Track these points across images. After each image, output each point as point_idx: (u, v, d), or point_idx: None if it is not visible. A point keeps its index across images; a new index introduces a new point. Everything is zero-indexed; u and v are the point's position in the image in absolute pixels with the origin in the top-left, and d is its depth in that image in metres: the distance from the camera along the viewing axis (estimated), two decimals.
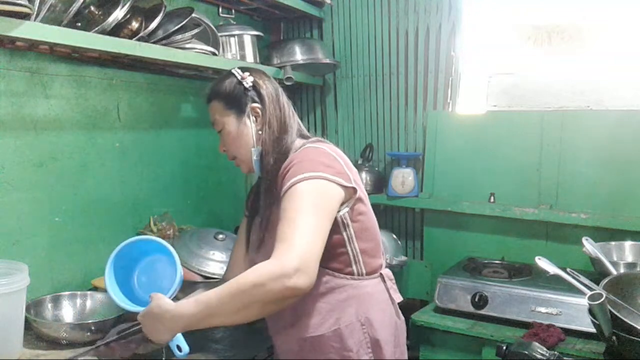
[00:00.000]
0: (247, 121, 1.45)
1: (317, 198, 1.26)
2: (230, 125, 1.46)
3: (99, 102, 1.96)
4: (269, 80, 1.50)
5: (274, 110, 1.45)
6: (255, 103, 1.45)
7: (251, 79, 1.47)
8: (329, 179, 1.29)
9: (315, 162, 1.31)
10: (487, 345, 1.93)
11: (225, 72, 1.52)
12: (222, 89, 1.48)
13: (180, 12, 1.93)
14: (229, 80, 1.48)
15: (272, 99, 1.46)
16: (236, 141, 1.47)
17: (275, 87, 1.50)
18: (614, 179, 2.22)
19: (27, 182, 1.73)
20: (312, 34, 2.81)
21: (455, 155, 2.51)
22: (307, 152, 1.35)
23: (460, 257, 2.42)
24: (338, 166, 1.34)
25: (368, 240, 1.41)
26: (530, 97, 2.46)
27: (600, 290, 1.54)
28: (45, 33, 1.47)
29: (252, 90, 1.46)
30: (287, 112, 1.48)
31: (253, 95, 1.46)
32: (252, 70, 1.50)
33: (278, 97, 1.49)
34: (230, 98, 1.46)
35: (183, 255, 1.97)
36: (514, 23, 2.49)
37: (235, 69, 1.50)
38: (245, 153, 1.47)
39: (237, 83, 1.46)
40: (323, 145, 1.41)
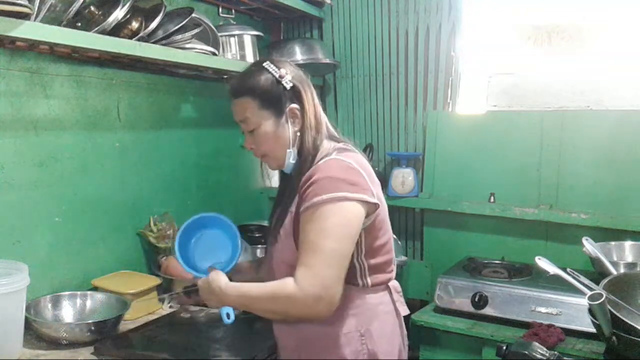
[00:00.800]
0: (284, 123, 1.37)
1: (340, 221, 1.23)
2: (266, 126, 1.37)
3: (99, 102, 1.95)
4: (301, 74, 1.41)
5: (312, 109, 1.39)
6: (294, 104, 1.37)
7: (290, 77, 1.36)
8: (351, 199, 1.24)
9: (339, 180, 1.25)
10: (487, 345, 1.93)
11: (254, 65, 1.44)
12: (258, 86, 1.36)
13: (180, 12, 1.93)
14: (264, 76, 1.36)
15: (309, 98, 1.39)
16: (271, 142, 1.38)
17: (307, 82, 1.41)
18: (614, 179, 2.22)
19: (27, 182, 1.73)
20: (312, 34, 2.81)
21: (455, 155, 2.51)
22: (331, 167, 1.28)
23: (460, 257, 2.42)
24: (362, 182, 1.29)
25: (382, 254, 1.37)
26: (530, 97, 2.46)
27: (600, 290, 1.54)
28: (45, 33, 1.47)
29: (291, 89, 1.36)
30: (320, 110, 1.42)
31: (292, 96, 1.36)
32: (283, 63, 1.39)
33: (312, 93, 1.41)
34: (267, 97, 1.36)
35: None
36: (514, 23, 2.49)
37: (268, 63, 1.38)
38: (280, 153, 1.39)
39: (275, 81, 1.36)
40: (348, 156, 1.33)
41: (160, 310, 1.88)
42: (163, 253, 2.07)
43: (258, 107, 1.36)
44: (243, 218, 2.50)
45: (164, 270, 1.99)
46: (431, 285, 2.51)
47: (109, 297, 1.76)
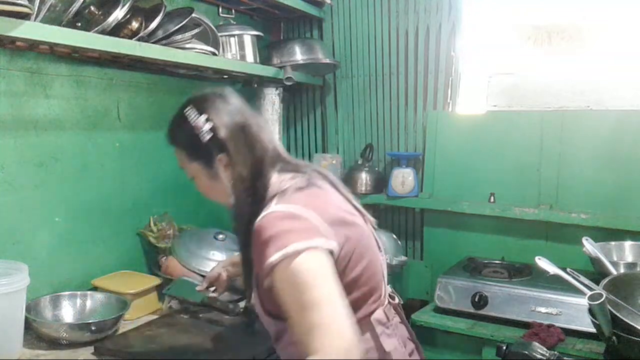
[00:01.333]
0: (218, 173, 1.24)
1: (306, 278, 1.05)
2: (199, 178, 1.28)
3: (99, 102, 1.96)
4: (229, 113, 1.25)
5: (244, 154, 1.23)
6: (221, 153, 1.22)
7: (209, 126, 1.21)
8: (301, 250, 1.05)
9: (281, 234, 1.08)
10: (487, 345, 1.93)
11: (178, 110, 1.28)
12: (180, 137, 1.28)
13: (180, 12, 1.93)
14: (184, 127, 1.24)
15: (240, 142, 1.23)
16: (211, 193, 1.30)
17: (239, 122, 1.24)
18: (614, 179, 2.22)
19: (27, 182, 1.73)
20: (312, 34, 2.81)
21: (455, 155, 2.51)
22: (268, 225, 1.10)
23: (460, 257, 2.42)
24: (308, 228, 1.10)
25: (358, 288, 1.21)
26: (530, 97, 2.46)
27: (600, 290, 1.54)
28: (45, 33, 1.47)
29: (214, 139, 1.22)
30: (259, 148, 1.24)
31: (216, 145, 1.22)
32: (209, 103, 1.25)
33: (245, 132, 1.24)
34: (191, 149, 1.26)
35: (183, 256, 1.98)
36: (514, 23, 2.49)
37: (189, 109, 1.24)
38: (225, 200, 1.27)
39: (194, 133, 1.22)
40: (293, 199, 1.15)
41: (160, 310, 1.88)
42: (163, 253, 2.07)
43: (187, 159, 1.28)
44: None
45: (164, 270, 1.99)
46: (431, 285, 2.51)
47: (109, 297, 1.76)
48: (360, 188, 2.60)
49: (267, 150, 1.26)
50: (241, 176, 1.22)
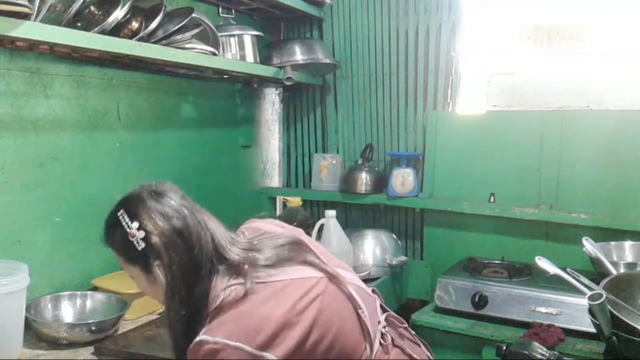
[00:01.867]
0: (156, 277, 1.17)
1: None
2: (139, 280, 1.22)
3: (99, 102, 1.95)
4: (164, 216, 1.17)
5: (180, 261, 1.14)
6: (157, 260, 1.15)
7: (142, 234, 1.14)
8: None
9: None
10: (487, 345, 1.93)
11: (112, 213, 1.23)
12: (115, 242, 1.21)
13: (180, 12, 1.93)
14: (119, 231, 1.18)
15: (174, 248, 1.14)
16: (155, 294, 1.23)
17: (175, 225, 1.16)
18: (614, 179, 2.22)
19: (27, 182, 1.73)
20: (312, 34, 2.81)
21: (455, 155, 2.51)
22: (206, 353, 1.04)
23: (460, 257, 2.42)
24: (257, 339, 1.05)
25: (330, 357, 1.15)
26: (530, 97, 2.46)
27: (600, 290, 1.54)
28: (45, 33, 1.47)
29: (147, 247, 1.15)
30: (197, 252, 1.15)
31: (151, 252, 1.15)
32: (141, 207, 1.19)
33: (183, 235, 1.16)
34: (128, 254, 1.19)
35: None
36: (514, 23, 2.49)
37: (122, 214, 1.19)
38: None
39: (128, 240, 1.16)
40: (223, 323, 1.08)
41: (160, 310, 1.88)
42: None
43: (125, 262, 1.22)
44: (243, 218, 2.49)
45: None
46: (431, 285, 2.51)
47: (109, 297, 1.76)
48: (360, 188, 2.60)
49: (207, 253, 1.16)
50: (175, 285, 1.13)
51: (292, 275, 1.17)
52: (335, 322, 1.16)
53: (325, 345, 1.13)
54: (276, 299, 1.12)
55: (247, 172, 2.74)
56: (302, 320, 1.11)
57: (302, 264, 1.21)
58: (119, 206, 1.22)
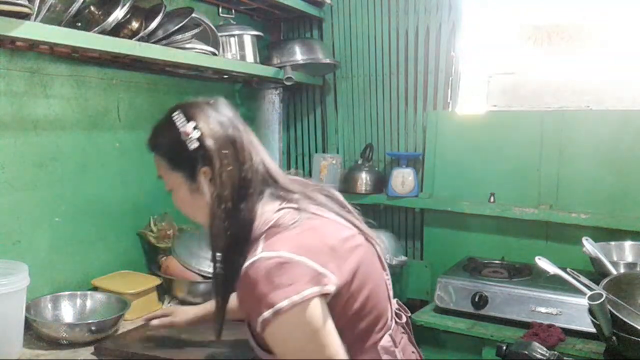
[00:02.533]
0: (199, 186, 1.14)
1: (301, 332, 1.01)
2: (180, 190, 1.18)
3: (99, 102, 1.96)
4: (220, 124, 1.15)
5: (231, 172, 1.12)
6: (205, 166, 1.13)
7: (197, 134, 1.12)
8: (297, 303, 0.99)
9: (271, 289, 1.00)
10: (487, 345, 1.93)
11: (165, 115, 1.20)
12: (163, 144, 1.19)
13: (180, 12, 1.93)
14: (170, 133, 1.16)
15: (228, 156, 1.12)
16: (190, 209, 1.20)
17: (230, 134, 1.14)
18: (614, 179, 2.22)
19: (27, 182, 1.73)
20: (312, 34, 2.81)
21: (455, 155, 2.51)
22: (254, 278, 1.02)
23: (460, 257, 2.42)
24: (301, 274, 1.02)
25: (363, 318, 1.15)
26: (530, 97, 2.46)
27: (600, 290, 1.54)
28: (45, 33, 1.47)
29: (200, 149, 1.12)
30: (247, 167, 1.14)
31: (202, 156, 1.12)
32: (199, 110, 1.16)
33: (235, 146, 1.14)
34: (174, 158, 1.17)
35: (183, 255, 1.98)
36: (514, 23, 2.49)
37: (177, 114, 1.16)
38: (203, 219, 1.16)
39: (181, 140, 1.13)
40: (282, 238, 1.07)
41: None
42: (163, 253, 2.07)
43: (168, 168, 1.19)
44: None
45: (164, 270, 1.99)
46: (431, 285, 2.51)
47: (109, 297, 1.76)
48: (360, 188, 2.60)
49: (257, 172, 1.15)
50: (222, 194, 1.11)
51: (335, 219, 1.18)
52: (370, 281, 1.16)
53: (359, 303, 1.12)
54: (328, 229, 1.13)
55: None
56: (350, 260, 1.11)
57: (341, 217, 1.21)
58: (174, 109, 1.18)
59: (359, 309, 1.13)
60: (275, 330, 1.01)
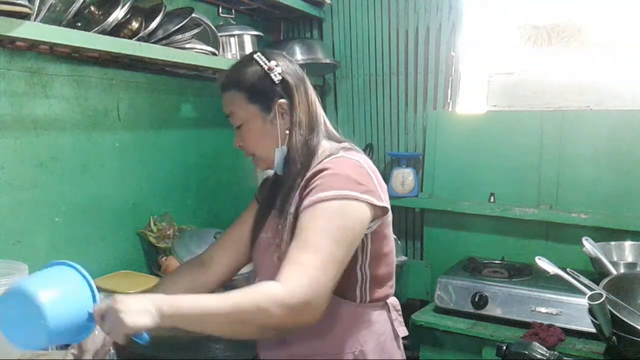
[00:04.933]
0: (273, 119, 1.28)
1: (342, 221, 1.12)
2: (253, 121, 1.29)
3: (99, 102, 1.95)
4: (295, 68, 1.32)
5: (304, 106, 1.29)
6: (283, 99, 1.27)
7: (279, 70, 1.27)
8: (359, 199, 1.14)
9: (346, 177, 1.16)
10: (487, 345, 1.93)
11: (245, 57, 1.35)
12: (244, 79, 1.28)
13: (180, 12, 1.93)
14: (252, 69, 1.28)
15: (302, 93, 1.29)
16: (258, 139, 1.30)
17: (302, 76, 1.32)
18: (614, 179, 2.22)
19: (27, 182, 1.73)
20: (312, 34, 2.81)
21: (455, 155, 2.51)
22: (340, 164, 1.19)
23: (460, 257, 2.42)
24: (371, 184, 1.19)
25: (384, 265, 1.27)
26: (530, 97, 2.46)
27: (600, 290, 1.55)
28: (45, 33, 1.47)
29: (281, 83, 1.27)
30: (316, 107, 1.33)
31: (281, 90, 1.27)
32: (276, 56, 1.31)
33: (307, 89, 1.32)
34: (254, 91, 1.28)
35: (183, 255, 1.98)
36: (514, 23, 2.49)
37: (259, 54, 1.30)
38: (267, 152, 1.30)
39: (263, 74, 1.27)
40: (356, 155, 1.25)
41: None
42: (163, 253, 2.07)
43: (244, 101, 1.29)
44: None
45: (164, 270, 1.99)
46: (431, 285, 2.51)
47: (109, 297, 1.76)
48: None
49: (320, 114, 1.34)
50: (300, 125, 1.27)
51: None
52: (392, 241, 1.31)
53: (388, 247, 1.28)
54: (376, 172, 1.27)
55: (247, 172, 2.73)
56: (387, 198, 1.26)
57: None
58: (253, 52, 1.32)
59: (387, 252, 1.28)
60: (327, 208, 1.12)
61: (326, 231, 1.11)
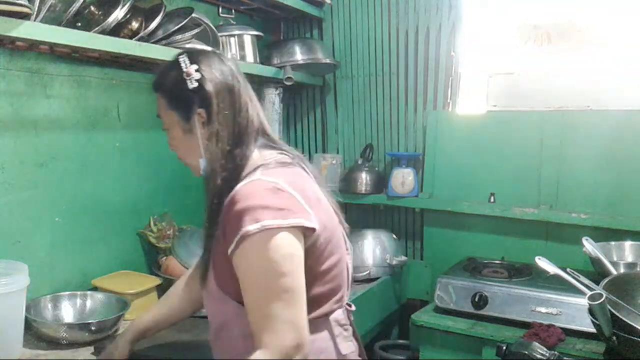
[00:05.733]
0: (193, 127, 1.20)
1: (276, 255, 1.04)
2: (174, 128, 1.23)
3: (99, 102, 1.96)
4: (221, 72, 1.20)
5: (227, 115, 1.18)
6: (201, 108, 1.18)
7: (198, 76, 1.17)
8: (280, 228, 1.04)
9: (260, 207, 1.05)
10: (487, 345, 1.93)
11: (174, 57, 1.25)
12: (165, 83, 1.23)
13: (180, 12, 1.93)
14: (173, 72, 1.21)
15: (224, 101, 1.18)
16: (181, 147, 1.25)
17: (230, 82, 1.20)
18: (614, 179, 2.22)
19: (27, 182, 1.73)
20: (312, 34, 2.81)
21: (455, 155, 2.51)
22: (250, 193, 1.08)
23: (460, 257, 2.42)
24: (292, 204, 1.08)
25: (322, 284, 1.17)
26: (530, 97, 2.45)
27: (600, 290, 1.55)
28: (45, 33, 1.47)
29: (199, 90, 1.18)
30: (248, 114, 1.21)
31: (199, 97, 1.18)
32: (204, 58, 1.21)
33: (236, 95, 1.20)
34: (173, 97, 1.21)
35: (183, 256, 1.98)
36: (514, 23, 2.49)
37: (184, 56, 1.21)
38: (192, 161, 1.24)
39: (181, 79, 1.18)
40: (276, 173, 1.13)
41: None
42: (163, 253, 2.07)
43: (165, 107, 1.24)
44: None
45: (164, 270, 1.99)
46: (431, 285, 2.51)
47: (109, 297, 1.76)
48: (360, 188, 2.60)
49: (252, 122, 1.22)
50: (219, 136, 1.17)
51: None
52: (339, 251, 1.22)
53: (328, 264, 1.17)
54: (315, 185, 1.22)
55: None
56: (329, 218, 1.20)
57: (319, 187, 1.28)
58: (181, 53, 1.24)
59: (325, 270, 1.17)
60: (253, 247, 1.04)
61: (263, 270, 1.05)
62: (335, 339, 1.20)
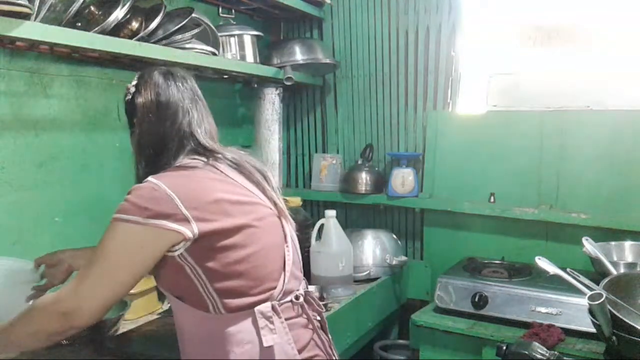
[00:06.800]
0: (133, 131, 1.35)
1: (116, 244, 1.18)
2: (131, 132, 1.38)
3: (99, 102, 1.96)
4: (157, 89, 1.31)
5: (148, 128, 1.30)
6: (133, 117, 1.34)
7: (132, 90, 1.33)
8: (140, 223, 1.16)
9: (134, 204, 1.17)
10: (487, 345, 1.93)
11: None
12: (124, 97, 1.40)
13: (180, 12, 1.93)
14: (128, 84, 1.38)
15: (148, 113, 1.30)
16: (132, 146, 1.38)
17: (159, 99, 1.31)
18: (614, 179, 2.22)
19: (27, 182, 1.73)
20: (312, 34, 2.81)
21: (455, 155, 2.51)
22: (136, 190, 1.21)
23: (460, 257, 2.42)
24: (167, 206, 1.16)
25: (238, 277, 1.21)
26: (530, 97, 2.46)
27: (600, 290, 1.54)
28: (45, 33, 1.47)
29: (131, 103, 1.33)
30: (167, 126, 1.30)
31: (130, 108, 1.34)
32: (148, 77, 1.34)
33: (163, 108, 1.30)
34: (124, 106, 1.38)
35: None
36: (514, 23, 2.49)
37: (140, 73, 1.36)
38: None
39: (126, 92, 1.36)
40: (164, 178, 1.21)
41: (160, 310, 1.88)
42: None
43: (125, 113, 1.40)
44: None
45: None
46: (431, 285, 2.51)
47: None
48: (360, 188, 2.61)
49: (179, 132, 1.30)
50: (141, 143, 1.31)
51: (245, 185, 1.30)
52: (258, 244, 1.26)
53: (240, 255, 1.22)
54: (223, 186, 1.25)
55: None
56: (237, 217, 1.23)
57: (255, 187, 1.33)
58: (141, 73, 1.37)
59: (239, 260, 1.22)
60: (108, 231, 1.20)
61: (101, 249, 1.19)
62: (260, 330, 1.22)
